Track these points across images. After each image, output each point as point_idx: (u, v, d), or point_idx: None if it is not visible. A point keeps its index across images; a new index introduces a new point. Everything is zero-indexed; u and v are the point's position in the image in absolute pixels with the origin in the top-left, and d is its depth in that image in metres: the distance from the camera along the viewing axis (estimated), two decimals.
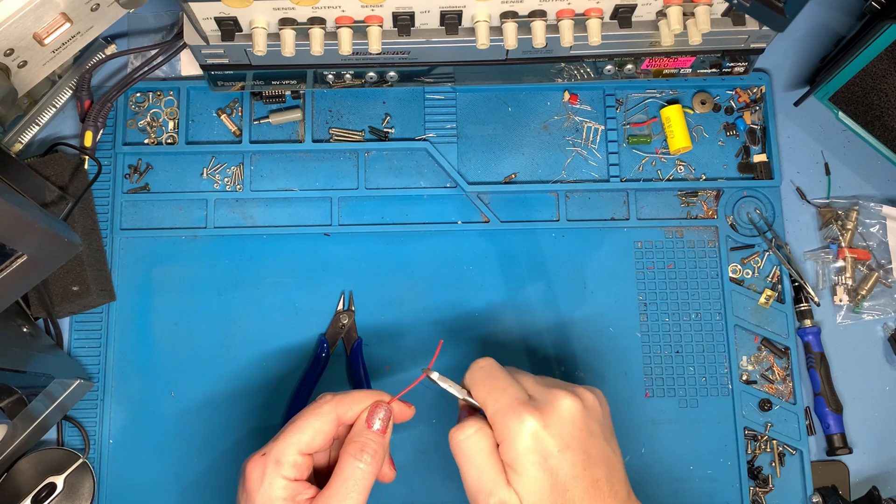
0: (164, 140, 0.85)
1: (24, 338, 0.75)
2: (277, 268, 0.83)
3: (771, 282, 0.84)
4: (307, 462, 0.60)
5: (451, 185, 0.85)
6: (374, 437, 0.60)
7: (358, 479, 0.59)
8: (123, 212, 0.84)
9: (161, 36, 0.87)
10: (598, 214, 0.85)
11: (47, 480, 0.78)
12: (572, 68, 0.81)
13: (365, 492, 0.59)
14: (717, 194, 0.85)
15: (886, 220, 0.85)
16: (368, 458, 0.59)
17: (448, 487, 0.80)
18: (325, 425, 0.61)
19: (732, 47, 0.78)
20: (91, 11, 0.75)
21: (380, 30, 0.71)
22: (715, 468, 0.80)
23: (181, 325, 0.82)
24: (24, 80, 0.77)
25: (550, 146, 0.86)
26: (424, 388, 0.81)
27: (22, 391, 0.70)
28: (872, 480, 0.81)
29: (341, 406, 0.61)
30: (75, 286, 0.78)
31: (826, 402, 0.81)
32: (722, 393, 0.82)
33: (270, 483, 0.59)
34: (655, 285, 0.84)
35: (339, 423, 0.61)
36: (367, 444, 0.60)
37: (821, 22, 0.89)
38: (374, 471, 0.60)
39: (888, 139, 0.80)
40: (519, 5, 0.70)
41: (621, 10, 0.72)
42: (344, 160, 0.86)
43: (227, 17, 0.70)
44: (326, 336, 0.82)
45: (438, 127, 0.86)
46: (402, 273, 0.84)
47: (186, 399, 0.81)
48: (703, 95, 0.86)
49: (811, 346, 0.82)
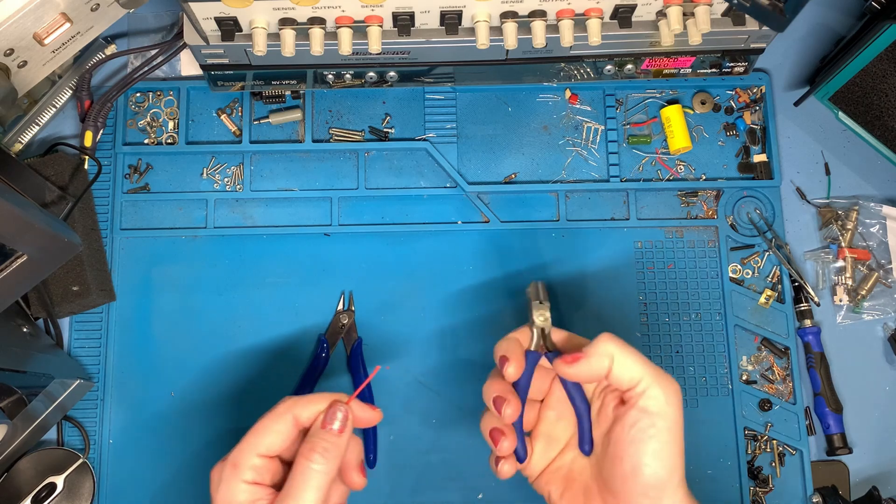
0: (164, 140, 0.85)
1: (24, 338, 0.75)
2: (277, 268, 0.83)
3: (771, 282, 0.84)
4: (269, 465, 0.60)
5: (451, 185, 0.85)
6: (328, 436, 0.60)
7: (309, 479, 0.58)
8: (123, 212, 0.84)
9: (161, 36, 0.87)
10: (598, 214, 0.85)
11: (47, 480, 0.78)
12: (572, 68, 0.81)
13: (318, 491, 0.57)
14: (717, 194, 0.85)
15: (886, 220, 0.85)
16: (319, 458, 0.58)
17: (448, 487, 0.80)
18: (283, 426, 0.60)
19: (732, 47, 0.78)
20: (91, 11, 0.75)
21: (380, 30, 0.71)
22: (715, 468, 0.80)
23: (181, 325, 0.82)
24: (24, 80, 0.77)
25: (550, 146, 0.86)
26: (425, 390, 0.82)
27: (22, 391, 0.70)
28: (872, 480, 0.81)
29: (297, 407, 0.61)
30: (75, 286, 0.78)
31: (826, 402, 0.81)
32: (722, 393, 0.82)
33: (229, 487, 0.58)
34: (655, 285, 0.84)
35: (297, 425, 0.61)
36: (318, 444, 0.59)
37: (821, 22, 0.89)
38: (329, 470, 0.58)
39: (888, 139, 0.80)
40: (519, 5, 0.70)
41: (621, 10, 0.72)
42: (344, 160, 0.86)
43: (227, 17, 0.70)
44: (326, 336, 0.82)
45: (438, 127, 0.86)
46: (402, 273, 0.84)
47: (186, 399, 0.81)
48: (703, 95, 0.86)
49: (811, 346, 0.82)
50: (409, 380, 0.82)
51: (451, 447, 0.80)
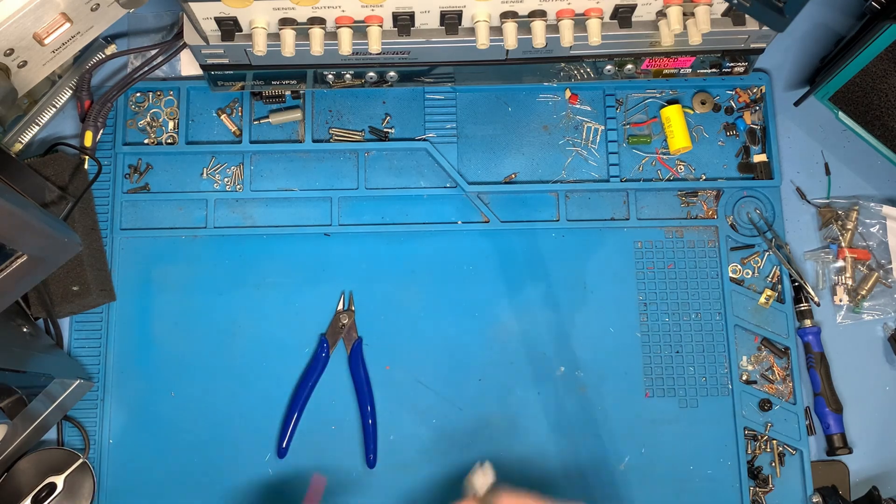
0: (164, 140, 0.85)
1: (24, 338, 0.75)
2: (277, 268, 0.83)
3: (771, 282, 0.84)
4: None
5: (451, 185, 0.85)
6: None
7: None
8: (123, 212, 0.84)
9: (161, 36, 0.87)
10: (598, 214, 0.85)
11: (47, 480, 0.78)
12: (572, 68, 0.81)
13: None
14: (717, 194, 0.85)
15: (886, 220, 0.85)
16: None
17: (448, 487, 0.80)
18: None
19: (732, 47, 0.78)
20: (91, 11, 0.75)
21: (380, 30, 0.71)
22: (715, 468, 0.80)
23: (181, 325, 0.82)
24: (24, 80, 0.77)
25: (550, 146, 0.86)
26: (425, 390, 0.82)
27: (22, 391, 0.70)
28: (872, 480, 0.81)
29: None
30: (75, 286, 0.78)
31: (826, 402, 0.81)
32: (722, 393, 0.82)
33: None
34: (655, 285, 0.84)
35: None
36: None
37: (821, 22, 0.89)
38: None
39: (888, 139, 0.80)
40: (519, 5, 0.70)
41: (621, 10, 0.72)
42: (344, 160, 0.86)
43: (227, 17, 0.70)
44: (326, 336, 0.82)
45: (438, 127, 0.86)
46: (402, 273, 0.84)
47: (186, 399, 0.81)
48: (703, 95, 0.86)
49: (811, 346, 0.82)
50: (410, 380, 0.82)
51: (451, 447, 0.80)
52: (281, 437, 0.80)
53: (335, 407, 0.81)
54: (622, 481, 0.80)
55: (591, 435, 0.81)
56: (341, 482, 0.80)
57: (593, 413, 0.81)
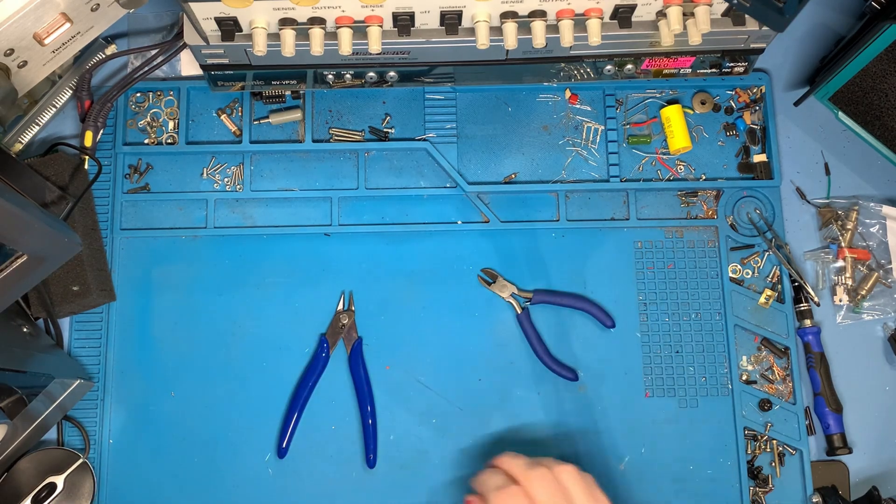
0: (164, 140, 0.85)
1: (24, 338, 0.75)
2: (277, 268, 0.83)
3: (771, 282, 0.84)
4: None
5: (451, 185, 0.85)
6: None
7: None
8: (123, 212, 0.84)
9: (161, 36, 0.87)
10: (598, 214, 0.85)
11: (47, 480, 0.78)
12: (572, 68, 0.81)
13: None
14: (717, 194, 0.85)
15: (886, 220, 0.85)
16: None
17: (448, 487, 0.80)
18: None
19: (732, 47, 0.78)
20: (91, 11, 0.75)
21: (380, 30, 0.71)
22: (715, 468, 0.80)
23: (181, 325, 0.82)
24: (24, 80, 0.77)
25: (550, 146, 0.86)
26: (425, 390, 0.82)
27: (22, 391, 0.70)
28: (872, 480, 0.81)
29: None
30: (75, 286, 0.78)
31: (826, 402, 0.81)
32: (722, 393, 0.82)
33: None
34: (655, 285, 0.84)
35: None
36: None
37: (821, 22, 0.89)
38: None
39: (888, 139, 0.80)
40: (519, 5, 0.70)
41: (621, 10, 0.72)
42: (344, 160, 0.86)
43: (227, 17, 0.70)
44: (326, 336, 0.82)
45: (438, 127, 0.86)
46: (402, 273, 0.84)
47: (186, 399, 0.81)
48: (703, 95, 0.86)
49: (811, 346, 0.82)
50: (409, 380, 0.82)
51: (451, 447, 0.80)
52: (281, 437, 0.80)
53: (335, 407, 0.81)
54: (622, 481, 0.80)
55: (590, 435, 0.81)
56: (341, 482, 0.80)
57: (593, 413, 0.81)
